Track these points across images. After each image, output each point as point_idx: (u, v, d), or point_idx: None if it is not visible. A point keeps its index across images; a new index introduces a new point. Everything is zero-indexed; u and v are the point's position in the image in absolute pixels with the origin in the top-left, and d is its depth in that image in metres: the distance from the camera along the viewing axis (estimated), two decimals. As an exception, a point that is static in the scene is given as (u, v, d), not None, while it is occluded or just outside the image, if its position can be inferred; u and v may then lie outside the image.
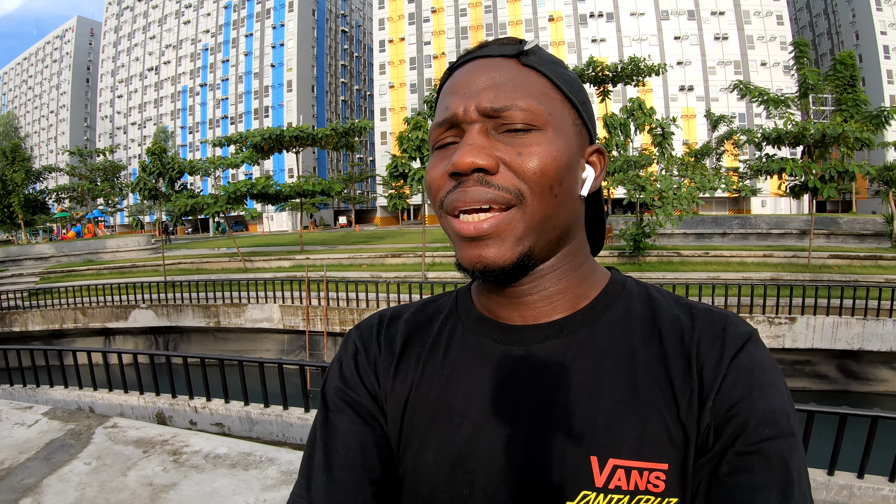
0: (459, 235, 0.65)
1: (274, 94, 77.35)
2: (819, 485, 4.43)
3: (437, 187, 0.67)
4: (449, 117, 0.66)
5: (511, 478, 0.64)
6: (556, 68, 0.70)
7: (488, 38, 67.16)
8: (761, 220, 23.18)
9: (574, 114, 0.70)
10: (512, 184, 0.63)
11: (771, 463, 0.57)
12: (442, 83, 0.73)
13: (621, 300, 0.71)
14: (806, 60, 24.84)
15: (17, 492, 3.50)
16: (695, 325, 0.67)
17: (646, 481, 0.60)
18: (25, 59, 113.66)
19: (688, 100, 62.20)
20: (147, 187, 24.70)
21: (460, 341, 0.74)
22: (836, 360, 12.73)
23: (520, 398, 0.67)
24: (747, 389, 0.61)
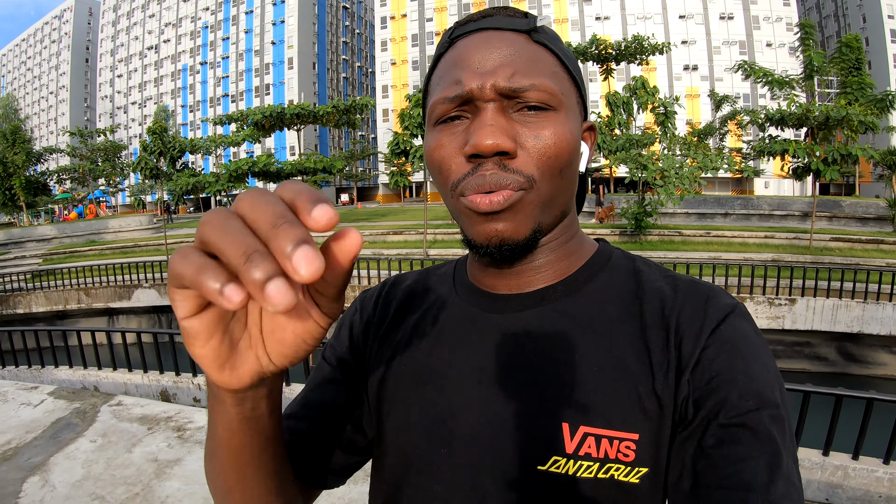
0: (474, 211, 0.64)
1: (275, 71, 76.88)
2: (814, 465, 4.47)
3: (449, 167, 0.66)
4: (463, 93, 0.64)
5: (486, 439, 0.66)
6: (562, 45, 0.70)
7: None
8: (763, 202, 23.13)
9: (577, 92, 0.71)
10: (527, 168, 0.63)
11: (757, 434, 0.56)
12: (441, 51, 0.71)
13: (605, 272, 0.72)
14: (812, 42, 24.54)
15: (25, 470, 3.56)
16: (676, 297, 0.66)
17: (616, 450, 0.61)
18: (24, 41, 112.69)
19: (692, 79, 61.76)
20: (148, 167, 24.66)
21: (450, 308, 0.76)
22: (836, 342, 12.76)
23: (497, 364, 0.68)
24: (728, 361, 0.60)
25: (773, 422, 0.57)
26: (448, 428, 0.69)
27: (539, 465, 0.62)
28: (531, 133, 0.63)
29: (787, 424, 0.59)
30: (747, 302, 12.43)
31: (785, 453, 0.56)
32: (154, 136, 24.14)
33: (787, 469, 0.55)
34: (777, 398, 0.59)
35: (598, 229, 20.26)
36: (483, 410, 0.67)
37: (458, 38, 0.69)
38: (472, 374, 0.69)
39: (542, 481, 0.62)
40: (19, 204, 35.24)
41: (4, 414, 4.55)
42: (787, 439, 0.57)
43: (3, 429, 4.25)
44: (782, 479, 0.54)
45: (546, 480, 0.62)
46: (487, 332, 0.71)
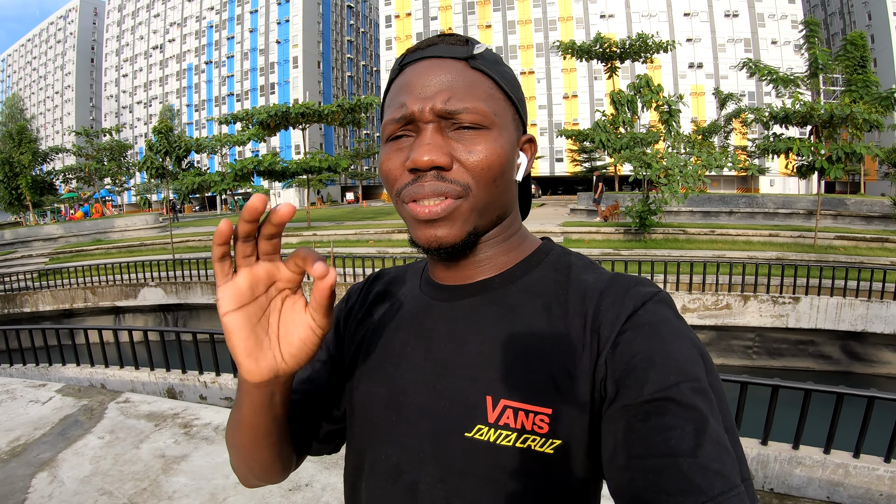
0: (415, 219, 0.74)
1: (280, 70, 76.97)
2: (815, 462, 4.49)
3: (395, 178, 0.75)
4: (406, 115, 0.73)
5: (426, 409, 0.76)
6: (499, 68, 0.78)
7: (496, 13, 66.70)
8: (768, 200, 23.07)
9: (513, 110, 0.79)
10: (463, 178, 0.72)
11: (680, 404, 0.60)
12: (393, 76, 0.80)
13: (540, 267, 0.81)
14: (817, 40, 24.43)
15: (34, 466, 3.61)
16: (597, 287, 0.74)
17: (531, 422, 0.69)
18: (29, 41, 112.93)
19: (697, 77, 61.62)
20: (154, 166, 24.75)
21: (412, 298, 0.87)
22: (840, 341, 12.72)
23: (439, 345, 0.78)
24: (647, 342, 0.66)
25: (695, 393, 0.61)
26: (400, 401, 0.79)
27: (466, 431, 0.71)
28: (465, 149, 0.73)
29: (714, 397, 0.63)
30: (751, 300, 12.43)
31: (712, 420, 0.60)
32: (160, 135, 24.22)
33: (715, 433, 0.59)
34: (698, 372, 0.63)
35: (602, 227, 20.24)
36: (426, 385, 0.77)
37: (406, 65, 0.78)
38: (421, 354, 0.80)
39: (469, 446, 0.71)
40: (25, 203, 35.36)
41: (13, 411, 4.60)
42: (713, 408, 0.61)
43: (11, 425, 4.29)
44: (710, 442, 0.58)
45: (472, 445, 0.71)
46: (435, 318, 0.81)
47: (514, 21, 67.34)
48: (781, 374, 11.93)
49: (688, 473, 0.56)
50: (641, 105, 22.58)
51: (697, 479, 0.55)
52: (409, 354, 0.81)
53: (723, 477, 0.56)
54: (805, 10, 69.10)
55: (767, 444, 4.67)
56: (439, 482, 0.74)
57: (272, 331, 0.66)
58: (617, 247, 17.98)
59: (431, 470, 0.74)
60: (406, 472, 0.77)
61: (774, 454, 4.57)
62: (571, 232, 19.97)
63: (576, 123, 62.02)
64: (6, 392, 5.07)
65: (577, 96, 65.08)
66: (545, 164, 64.78)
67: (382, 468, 0.80)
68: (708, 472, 0.56)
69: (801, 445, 4.61)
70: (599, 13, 64.08)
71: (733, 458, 0.59)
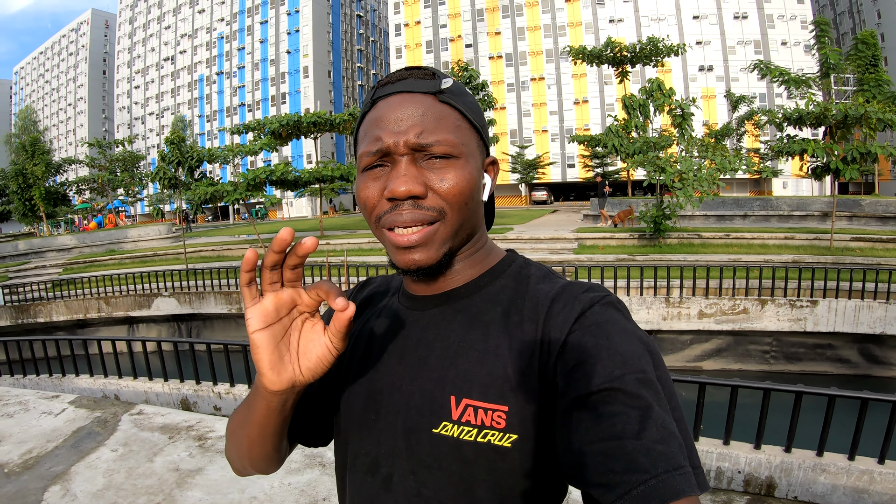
0: (395, 246, 0.80)
1: (290, 80, 77.35)
2: (840, 469, 4.41)
3: (373, 205, 0.81)
4: (382, 148, 0.79)
5: (399, 408, 0.83)
6: (465, 99, 0.85)
7: (505, 19, 66.85)
8: (782, 202, 22.89)
9: (477, 136, 0.86)
10: (437, 204, 0.79)
11: (626, 393, 0.64)
12: (366, 110, 0.86)
13: (503, 277, 0.88)
14: (827, 40, 24.31)
15: (46, 479, 3.58)
16: (550, 294, 0.80)
17: (490, 419, 0.75)
18: (41, 54, 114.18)
19: (707, 80, 61.36)
20: (167, 176, 24.84)
21: (391, 307, 0.95)
22: (858, 344, 12.58)
23: (410, 350, 0.86)
24: (594, 340, 0.71)
25: (640, 384, 0.66)
26: (377, 399, 0.87)
27: (433, 428, 0.78)
28: (437, 178, 0.80)
29: (659, 387, 0.67)
30: (769, 304, 12.31)
31: (657, 407, 0.64)
32: (172, 146, 24.33)
33: (660, 419, 0.63)
34: (644, 365, 0.68)
35: (616, 233, 20.13)
36: (400, 386, 0.84)
37: (378, 99, 0.84)
38: (396, 358, 0.87)
39: (435, 441, 0.78)
40: (39, 214, 35.71)
41: (26, 423, 4.59)
42: (660, 398, 0.66)
43: (24, 438, 4.28)
44: (654, 426, 0.62)
45: (438, 441, 0.78)
46: (409, 325, 0.89)
47: (523, 27, 67.37)
48: (800, 378, 11.78)
49: (632, 454, 0.60)
50: (654, 109, 22.51)
51: (641, 459, 0.59)
52: (386, 359, 0.88)
53: (667, 458, 0.60)
54: (814, 10, 68.71)
55: (791, 451, 4.59)
56: (410, 474, 0.81)
57: (293, 347, 0.75)
58: (632, 252, 17.90)
59: (404, 463, 0.81)
60: (383, 466, 0.84)
61: (798, 461, 4.49)
62: (585, 238, 19.89)
63: (587, 129, 61.85)
64: (19, 403, 5.06)
65: (588, 101, 64.92)
66: (557, 170, 64.63)
67: (363, 462, 0.87)
68: (652, 453, 0.60)
69: (825, 452, 4.54)
70: (609, 18, 64.00)
71: (680, 443, 0.62)
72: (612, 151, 23.64)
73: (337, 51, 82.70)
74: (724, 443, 4.78)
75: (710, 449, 4.75)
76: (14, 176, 34.21)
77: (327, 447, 1.12)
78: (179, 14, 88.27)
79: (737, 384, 4.59)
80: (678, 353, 13.30)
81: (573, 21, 65.17)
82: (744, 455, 4.65)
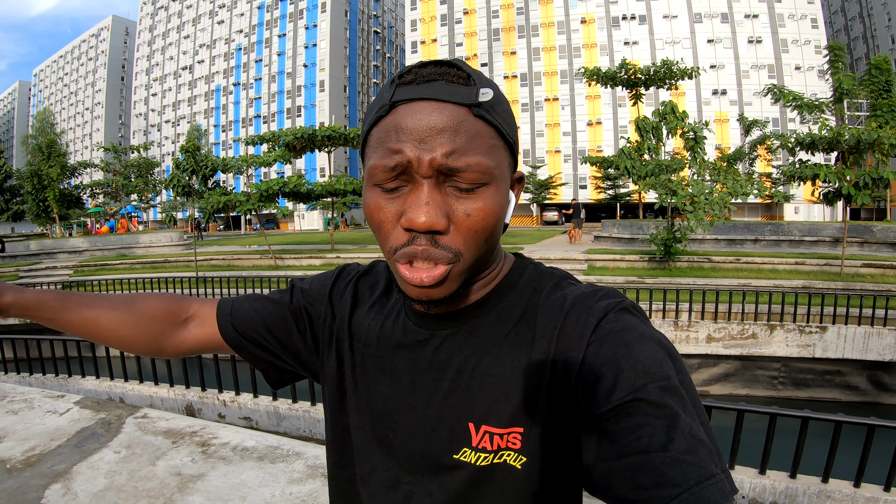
0: (407, 282, 0.73)
1: (306, 93, 77.98)
2: (845, 496, 4.38)
3: (388, 232, 0.73)
4: (402, 163, 0.69)
5: (416, 431, 0.81)
6: (501, 109, 0.74)
7: (520, 40, 67.21)
8: (794, 227, 22.79)
9: (509, 154, 0.76)
10: (455, 244, 0.71)
11: (650, 403, 0.61)
12: (382, 113, 0.73)
13: (514, 292, 0.83)
14: (841, 65, 24.24)
15: (48, 477, 3.58)
16: (564, 308, 0.76)
17: (506, 441, 0.74)
18: (61, 57, 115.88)
19: (721, 104, 61.46)
20: (181, 184, 25.03)
21: (396, 318, 0.90)
22: (867, 371, 12.47)
23: (423, 372, 0.83)
24: (612, 350, 0.68)
25: (664, 392, 0.63)
26: (393, 418, 0.84)
27: (453, 454, 0.77)
28: (463, 209, 0.71)
29: (685, 393, 0.64)
30: (777, 329, 12.24)
31: (683, 415, 0.61)
32: (187, 154, 24.50)
33: (687, 427, 0.60)
34: (667, 371, 0.65)
35: (626, 255, 20.09)
36: (415, 409, 0.82)
37: (399, 103, 0.71)
38: (409, 379, 0.84)
39: (455, 466, 0.77)
40: (52, 216, 35.97)
41: (30, 420, 4.60)
42: (685, 404, 0.63)
43: (27, 435, 4.29)
44: (682, 436, 0.59)
45: (457, 465, 0.77)
46: (417, 345, 0.85)
47: (538, 48, 67.78)
48: (808, 404, 11.68)
49: (661, 468, 0.57)
50: (667, 132, 22.53)
51: (671, 472, 0.56)
52: (398, 378, 0.85)
53: (697, 468, 0.57)
54: (828, 35, 68.82)
55: (796, 477, 4.56)
56: (429, 495, 0.80)
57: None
58: (641, 275, 17.85)
59: (423, 483, 0.80)
60: (403, 483, 0.82)
61: (803, 488, 4.46)
62: (596, 259, 19.86)
63: (600, 150, 61.96)
64: (24, 401, 5.09)
65: (602, 123, 65.10)
66: (569, 190, 64.70)
67: (382, 477, 0.85)
68: (681, 465, 0.57)
69: (830, 479, 4.50)
70: (623, 40, 64.33)
71: (709, 449, 0.60)
72: (625, 173, 23.66)
73: (353, 66, 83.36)
74: (728, 467, 4.74)
75: (714, 472, 4.71)
76: (29, 177, 34.52)
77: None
78: (199, 24, 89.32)
79: (743, 408, 4.56)
80: (685, 376, 13.22)
81: (588, 43, 65.55)
82: (748, 480, 4.62)
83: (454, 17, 71.64)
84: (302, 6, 79.26)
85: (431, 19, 72.66)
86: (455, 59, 0.76)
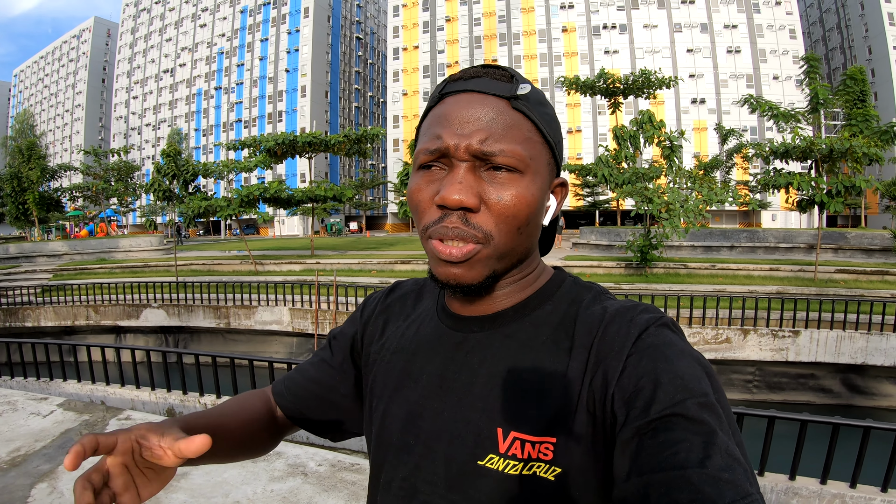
0: (437, 256, 0.76)
1: (288, 98, 77.58)
2: (812, 493, 4.49)
3: (424, 211, 0.77)
4: (441, 148, 0.74)
5: (441, 435, 0.79)
6: (541, 110, 0.78)
7: (502, 47, 67.42)
8: (769, 234, 23.11)
9: (549, 153, 0.80)
10: (486, 225, 0.74)
11: (688, 418, 0.61)
12: (431, 104, 0.81)
13: (552, 301, 0.83)
14: (817, 75, 24.68)
15: (33, 476, 3.60)
16: (604, 320, 0.75)
17: (538, 451, 0.71)
18: (42, 58, 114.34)
19: (699, 112, 62.05)
20: (161, 188, 24.88)
21: (428, 323, 0.91)
22: (840, 374, 12.69)
23: (453, 375, 0.82)
24: (652, 363, 0.67)
25: (702, 408, 0.62)
26: (417, 424, 0.83)
27: (479, 460, 0.75)
28: (495, 192, 0.74)
29: (721, 411, 0.64)
30: (751, 334, 12.43)
31: (721, 432, 0.60)
32: (168, 158, 24.37)
33: (724, 445, 0.59)
34: (705, 388, 0.65)
35: (603, 262, 20.30)
36: (441, 412, 0.80)
37: (446, 95, 0.79)
38: (437, 381, 0.83)
39: (479, 473, 0.74)
40: (32, 219, 35.46)
41: (14, 422, 4.61)
42: (722, 422, 0.62)
43: (12, 436, 4.30)
44: (719, 453, 0.58)
45: (483, 473, 0.74)
46: (451, 347, 0.84)
47: (519, 56, 68.01)
48: (782, 407, 11.82)
49: (697, 484, 0.56)
50: (644, 140, 22.78)
51: (707, 489, 0.56)
52: (426, 381, 0.84)
53: (734, 486, 0.56)
54: (806, 45, 69.86)
55: (764, 474, 4.69)
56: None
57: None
58: (618, 281, 18.01)
59: (443, 492, 0.77)
60: (420, 492, 0.80)
61: (771, 485, 4.58)
62: (573, 266, 20.02)
63: (579, 158, 62.27)
64: (7, 403, 5.09)
65: (581, 131, 65.41)
66: (548, 196, 64.79)
67: (399, 485, 0.83)
68: (718, 482, 0.56)
69: (797, 476, 4.62)
70: (604, 49, 64.76)
71: (745, 469, 0.59)
72: (602, 181, 23.83)
73: (335, 72, 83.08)
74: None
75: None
76: (9, 179, 34.02)
77: (307, 456, 1.11)
78: (181, 27, 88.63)
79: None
80: (662, 380, 13.36)
81: (569, 51, 65.92)
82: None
83: (436, 24, 71.70)
84: (285, 11, 78.95)
85: (414, 26, 72.66)
86: (505, 66, 0.81)
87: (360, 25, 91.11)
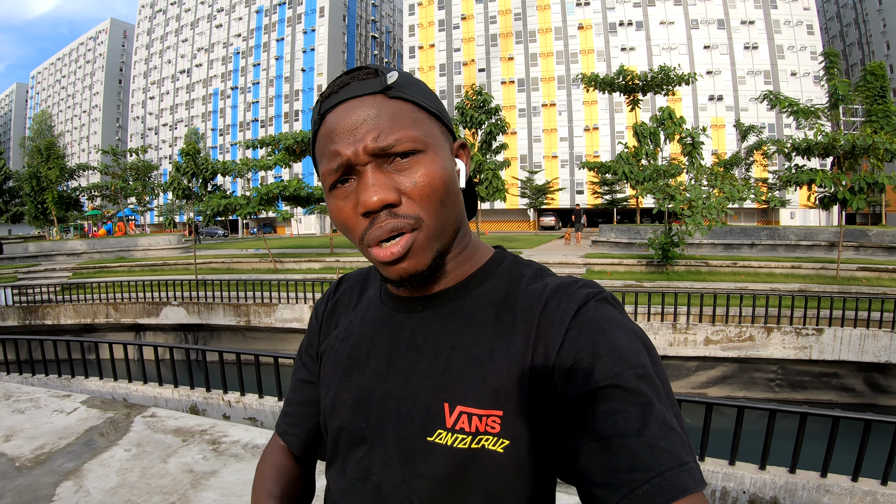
0: (381, 262, 0.76)
1: (304, 97, 77.94)
2: (843, 490, 4.44)
3: (353, 226, 0.77)
4: (343, 162, 0.75)
5: (390, 415, 0.80)
6: (415, 89, 0.80)
7: (518, 45, 67.27)
8: (790, 232, 22.87)
9: (439, 124, 0.82)
10: (412, 211, 0.75)
11: (626, 389, 0.64)
12: (316, 128, 0.81)
13: (493, 278, 0.85)
14: (836, 71, 24.39)
15: (59, 475, 3.59)
16: (544, 294, 0.78)
17: (485, 424, 0.73)
18: (59, 60, 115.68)
19: (717, 109, 61.57)
20: (180, 187, 25.01)
21: (373, 309, 0.93)
22: (864, 373, 12.52)
23: (400, 355, 0.83)
24: (591, 336, 0.70)
25: (639, 379, 0.65)
26: (367, 406, 0.84)
27: (427, 436, 0.76)
28: (408, 179, 0.75)
29: (658, 382, 0.67)
30: (774, 332, 12.30)
31: (658, 403, 0.64)
32: (187, 157, 24.48)
33: (661, 415, 0.63)
34: (643, 360, 0.68)
35: (625, 259, 20.16)
36: (390, 393, 0.82)
37: (327, 112, 0.79)
38: (384, 363, 0.84)
39: (430, 450, 0.76)
40: (51, 218, 35.84)
41: (37, 419, 4.62)
42: (660, 393, 0.65)
43: (36, 433, 4.31)
44: (656, 423, 0.62)
45: (433, 449, 0.76)
46: (395, 328, 0.86)
47: (535, 53, 67.79)
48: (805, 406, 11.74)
49: (635, 452, 0.59)
50: (664, 137, 22.60)
51: (645, 457, 0.59)
52: (373, 364, 0.85)
53: (671, 454, 0.60)
54: (824, 41, 69.06)
55: (795, 472, 4.62)
56: (403, 483, 0.79)
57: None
58: (639, 279, 17.91)
59: (396, 472, 0.79)
60: (374, 474, 0.82)
61: (802, 482, 4.52)
62: (594, 263, 19.91)
63: (597, 156, 61.93)
64: (30, 400, 5.11)
65: (598, 128, 65.05)
66: (566, 196, 64.65)
67: (354, 468, 0.85)
68: (655, 450, 0.60)
69: (829, 473, 4.57)
70: (620, 46, 64.40)
71: (682, 439, 0.62)
72: (622, 178, 23.68)
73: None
74: (729, 463, 4.81)
75: (716, 469, 4.78)
76: (28, 178, 34.41)
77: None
78: (197, 28, 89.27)
79: (743, 405, 4.64)
80: (684, 380, 13.26)
81: (585, 48, 65.61)
82: (749, 475, 4.68)
83: (452, 22, 71.64)
84: (300, 11, 79.31)
85: (429, 25, 72.66)
86: (367, 64, 0.84)
87: (376, 24, 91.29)
